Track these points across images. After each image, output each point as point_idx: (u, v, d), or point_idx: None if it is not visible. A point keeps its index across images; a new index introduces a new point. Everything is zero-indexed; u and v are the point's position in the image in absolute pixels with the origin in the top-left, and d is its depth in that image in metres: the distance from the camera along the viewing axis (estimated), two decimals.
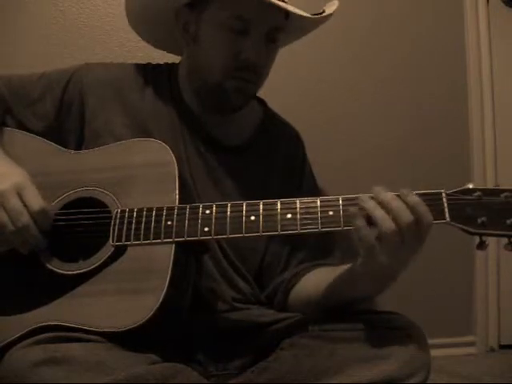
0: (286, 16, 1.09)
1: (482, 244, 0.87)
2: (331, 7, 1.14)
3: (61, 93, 1.14)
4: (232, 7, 1.04)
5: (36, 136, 1.11)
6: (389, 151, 1.76)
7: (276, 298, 1.15)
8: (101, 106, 1.13)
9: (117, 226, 0.95)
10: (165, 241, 0.93)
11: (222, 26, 1.06)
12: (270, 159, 1.20)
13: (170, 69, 1.20)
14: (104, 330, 0.87)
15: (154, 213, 0.95)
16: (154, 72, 1.20)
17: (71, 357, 0.81)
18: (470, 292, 1.81)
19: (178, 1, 1.10)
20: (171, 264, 0.91)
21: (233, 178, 1.15)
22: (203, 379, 0.91)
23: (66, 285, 0.93)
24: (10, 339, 0.88)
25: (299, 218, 0.91)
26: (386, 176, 1.69)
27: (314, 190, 1.24)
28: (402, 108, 1.78)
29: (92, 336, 0.86)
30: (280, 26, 1.09)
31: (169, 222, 0.93)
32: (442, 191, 0.88)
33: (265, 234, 0.91)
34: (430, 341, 0.99)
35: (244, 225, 0.92)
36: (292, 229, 0.91)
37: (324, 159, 1.54)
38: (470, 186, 0.88)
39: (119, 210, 0.97)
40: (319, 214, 0.90)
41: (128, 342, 0.87)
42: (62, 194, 1.01)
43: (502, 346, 1.83)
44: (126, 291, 0.91)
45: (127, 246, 0.94)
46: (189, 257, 0.98)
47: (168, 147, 1.01)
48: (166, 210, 0.95)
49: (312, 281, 1.10)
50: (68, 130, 1.14)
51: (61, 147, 1.08)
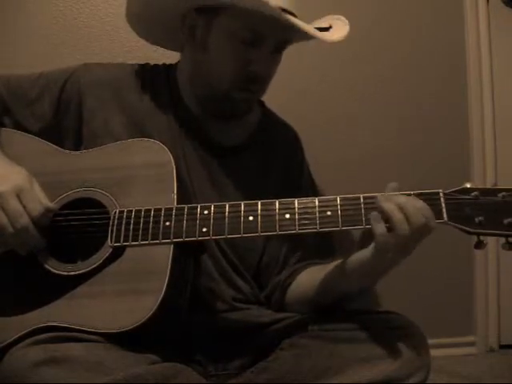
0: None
1: (480, 243, 0.87)
2: (341, 29, 1.10)
3: (59, 92, 1.14)
4: (245, 19, 1.02)
5: (34, 136, 1.10)
6: (389, 151, 1.76)
7: (273, 297, 1.15)
8: (99, 106, 1.13)
9: (115, 227, 0.95)
10: (163, 241, 0.93)
11: (233, 36, 1.05)
12: (269, 160, 1.20)
13: (169, 69, 1.20)
14: (103, 331, 0.87)
15: (152, 213, 0.95)
16: (152, 72, 1.20)
17: (71, 357, 0.81)
18: (470, 292, 1.81)
19: (187, 4, 1.08)
20: (170, 264, 0.91)
21: (231, 178, 1.15)
22: (203, 379, 0.92)
23: (65, 286, 0.93)
24: (10, 339, 0.88)
25: (297, 218, 0.91)
26: (386, 176, 1.68)
27: (312, 191, 1.24)
28: (401, 108, 1.78)
29: (92, 336, 0.87)
30: (290, 38, 1.09)
31: (167, 223, 0.93)
32: (440, 191, 0.89)
33: (263, 234, 0.91)
34: (430, 341, 0.99)
35: (242, 225, 0.92)
36: (290, 229, 0.91)
37: (323, 159, 1.55)
38: (468, 186, 0.88)
39: (117, 211, 0.97)
40: (317, 214, 0.90)
41: (128, 342, 0.88)
42: (61, 194, 1.01)
43: (502, 346, 1.83)
44: (125, 292, 0.91)
45: (126, 246, 0.94)
46: (187, 257, 0.98)
47: (166, 147, 1.01)
48: (164, 211, 0.94)
49: (306, 278, 1.11)
50: (66, 130, 1.14)
51: (59, 147, 1.08)
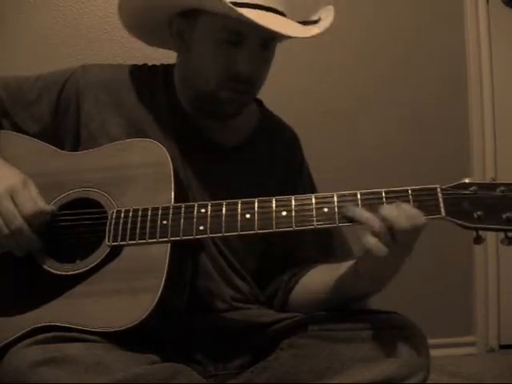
0: None
1: (479, 238, 0.87)
2: (327, 16, 1.10)
3: (57, 94, 1.14)
4: (222, 20, 1.01)
5: (32, 138, 1.10)
6: (389, 151, 1.76)
7: (276, 297, 1.15)
8: (97, 108, 1.13)
9: (112, 226, 0.95)
10: (160, 240, 0.93)
11: (214, 38, 1.04)
12: (268, 160, 1.20)
13: (166, 70, 1.20)
14: (101, 330, 0.87)
15: (149, 212, 0.95)
16: (150, 73, 1.20)
17: (71, 357, 0.81)
18: (470, 292, 1.81)
19: (169, 10, 1.09)
20: (167, 263, 0.90)
21: (229, 178, 1.14)
22: (202, 379, 0.91)
23: (63, 285, 0.93)
24: (10, 339, 0.87)
25: (294, 216, 0.91)
26: (386, 176, 1.69)
27: (312, 191, 1.23)
28: (401, 108, 1.78)
29: (91, 336, 0.86)
30: (274, 36, 1.06)
31: (164, 222, 0.93)
32: (437, 186, 0.88)
33: (260, 231, 0.91)
34: (430, 341, 0.98)
35: (239, 223, 0.92)
36: (287, 226, 0.90)
37: (323, 159, 1.55)
38: (466, 181, 0.88)
39: (115, 210, 0.97)
40: (314, 211, 0.90)
41: (127, 342, 0.87)
42: (59, 194, 1.01)
43: (502, 346, 1.83)
44: (123, 291, 0.91)
45: (123, 245, 0.94)
46: (185, 256, 0.98)
47: (163, 147, 1.01)
48: (162, 210, 0.94)
49: (314, 278, 1.10)
50: (64, 132, 1.13)
51: (57, 149, 1.08)
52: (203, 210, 0.93)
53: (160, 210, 0.94)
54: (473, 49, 1.83)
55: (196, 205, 0.94)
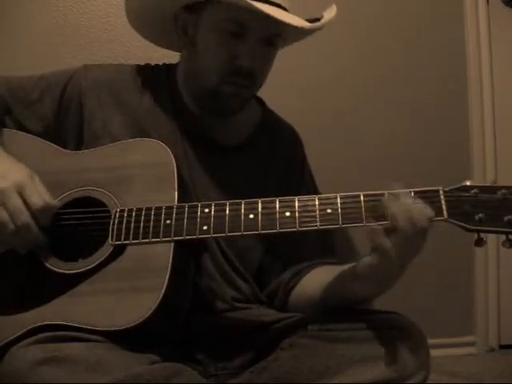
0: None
1: (480, 241, 0.88)
2: (330, 13, 1.12)
3: (60, 94, 1.14)
4: (228, 10, 1.03)
5: (35, 137, 1.11)
6: (389, 151, 1.76)
7: (276, 297, 1.15)
8: (99, 108, 1.13)
9: (116, 226, 0.95)
10: (164, 240, 0.93)
11: (218, 29, 1.06)
12: (269, 159, 1.20)
13: (169, 69, 1.20)
14: (103, 329, 0.87)
15: (152, 212, 0.95)
16: (152, 72, 1.20)
17: (71, 356, 0.81)
18: (470, 292, 1.81)
19: (176, 3, 1.10)
20: (170, 263, 0.91)
21: (231, 177, 1.15)
22: (203, 379, 0.91)
23: (66, 284, 0.93)
24: (10, 339, 0.87)
25: (298, 216, 0.91)
26: (387, 176, 1.69)
27: (313, 190, 1.24)
28: (401, 108, 1.78)
29: (92, 335, 0.86)
30: (277, 31, 1.08)
31: (168, 221, 0.93)
32: (440, 188, 0.89)
33: (263, 232, 0.91)
34: (430, 341, 0.99)
35: (243, 223, 0.92)
36: (291, 227, 0.91)
37: (323, 159, 1.54)
38: (468, 183, 0.88)
39: (118, 210, 0.97)
40: (318, 212, 0.90)
41: (128, 341, 0.87)
42: (62, 193, 1.01)
43: (502, 346, 1.83)
44: (126, 290, 0.91)
45: (126, 245, 0.94)
46: (188, 256, 0.98)
47: (167, 147, 1.01)
48: (165, 209, 0.95)
49: (314, 280, 1.10)
50: (67, 131, 1.14)
51: (60, 147, 1.08)
52: (207, 210, 0.94)
53: (163, 210, 0.95)
54: (473, 49, 1.83)
55: (199, 205, 0.94)
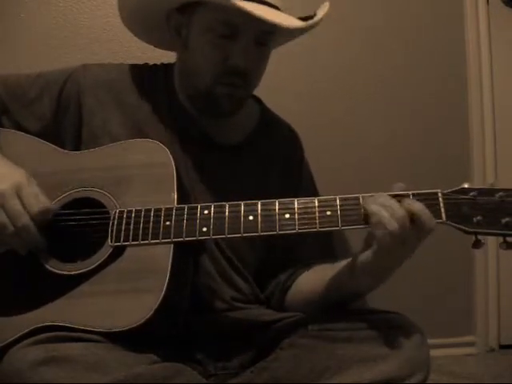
0: None
1: (478, 243, 0.88)
2: (322, 10, 1.11)
3: (58, 92, 1.14)
4: (219, 12, 1.02)
5: (33, 137, 1.10)
6: (389, 151, 1.76)
7: (274, 297, 1.15)
8: (98, 107, 1.13)
9: (115, 227, 0.95)
10: (163, 241, 0.93)
11: (209, 31, 1.05)
12: (268, 159, 1.20)
13: (167, 69, 1.20)
14: (103, 330, 0.87)
15: (152, 213, 0.95)
16: (151, 72, 1.20)
17: (71, 356, 0.81)
18: (470, 292, 1.81)
19: (167, 4, 1.10)
20: (170, 264, 0.91)
21: (230, 178, 1.15)
22: (203, 379, 0.92)
23: (66, 285, 0.93)
24: (10, 339, 0.87)
25: (297, 218, 0.91)
26: (386, 176, 1.69)
27: (312, 192, 1.24)
28: (401, 108, 1.78)
29: (92, 336, 0.86)
30: (269, 30, 1.07)
31: (167, 223, 0.93)
32: (438, 191, 0.90)
33: (263, 234, 0.91)
34: (430, 341, 0.99)
35: (242, 225, 0.92)
36: (290, 229, 0.91)
37: (323, 160, 1.55)
38: (466, 186, 0.89)
39: (118, 211, 0.97)
40: (317, 214, 0.91)
41: (128, 341, 0.88)
42: (61, 194, 1.01)
43: (502, 346, 1.83)
44: (125, 291, 0.91)
45: (126, 246, 0.94)
46: (187, 257, 0.98)
47: (166, 148, 1.01)
48: (165, 211, 0.95)
49: (309, 278, 1.10)
50: (65, 131, 1.14)
51: (58, 148, 1.08)
52: (206, 212, 0.94)
53: (163, 211, 0.95)
54: (473, 49, 1.82)
55: (199, 206, 0.94)
